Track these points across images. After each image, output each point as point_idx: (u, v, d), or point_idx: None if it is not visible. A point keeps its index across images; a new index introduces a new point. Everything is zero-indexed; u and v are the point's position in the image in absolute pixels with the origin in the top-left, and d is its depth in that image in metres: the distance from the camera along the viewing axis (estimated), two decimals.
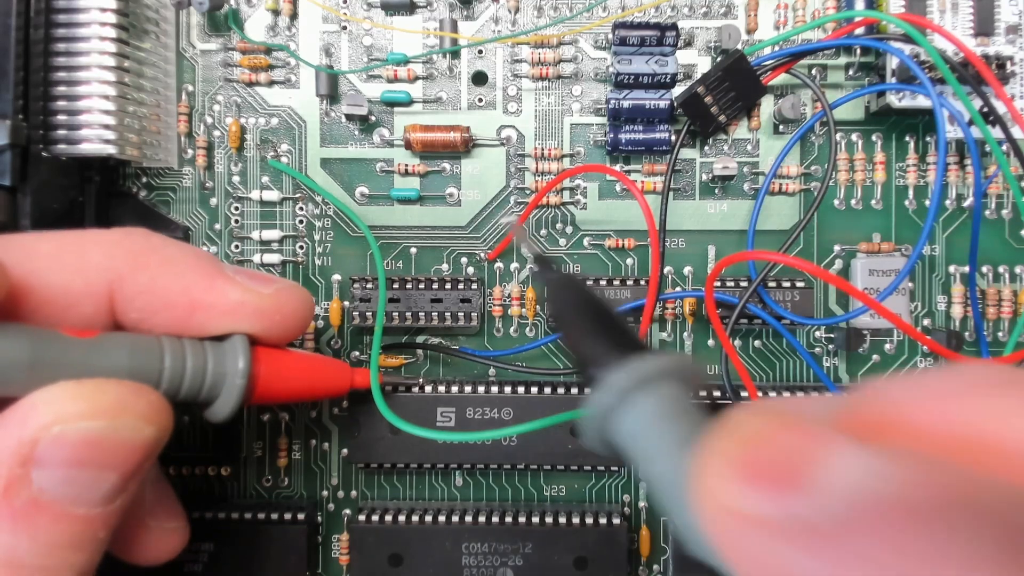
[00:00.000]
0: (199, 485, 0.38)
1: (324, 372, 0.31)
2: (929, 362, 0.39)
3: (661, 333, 0.39)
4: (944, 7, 0.36)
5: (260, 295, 0.28)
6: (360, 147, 0.39)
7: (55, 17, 0.33)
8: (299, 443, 0.39)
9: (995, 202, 0.38)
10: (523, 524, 0.36)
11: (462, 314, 0.37)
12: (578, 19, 0.39)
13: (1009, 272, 0.38)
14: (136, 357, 0.25)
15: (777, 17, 0.38)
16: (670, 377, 0.17)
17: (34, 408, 0.22)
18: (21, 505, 0.22)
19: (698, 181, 0.39)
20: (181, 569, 0.36)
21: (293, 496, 0.39)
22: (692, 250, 0.39)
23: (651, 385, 0.17)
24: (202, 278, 0.27)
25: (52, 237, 0.26)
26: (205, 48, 0.39)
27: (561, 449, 0.36)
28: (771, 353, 0.39)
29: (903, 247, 0.38)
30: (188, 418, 0.39)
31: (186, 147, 0.39)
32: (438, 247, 0.39)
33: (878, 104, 0.38)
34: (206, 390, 0.27)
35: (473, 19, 0.39)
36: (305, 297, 0.30)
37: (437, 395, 0.36)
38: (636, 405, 0.17)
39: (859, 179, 0.38)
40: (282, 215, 0.39)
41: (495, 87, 0.39)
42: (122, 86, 0.34)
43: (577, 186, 0.39)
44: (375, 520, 0.36)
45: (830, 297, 0.39)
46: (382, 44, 0.39)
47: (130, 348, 0.25)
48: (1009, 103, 0.33)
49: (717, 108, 0.37)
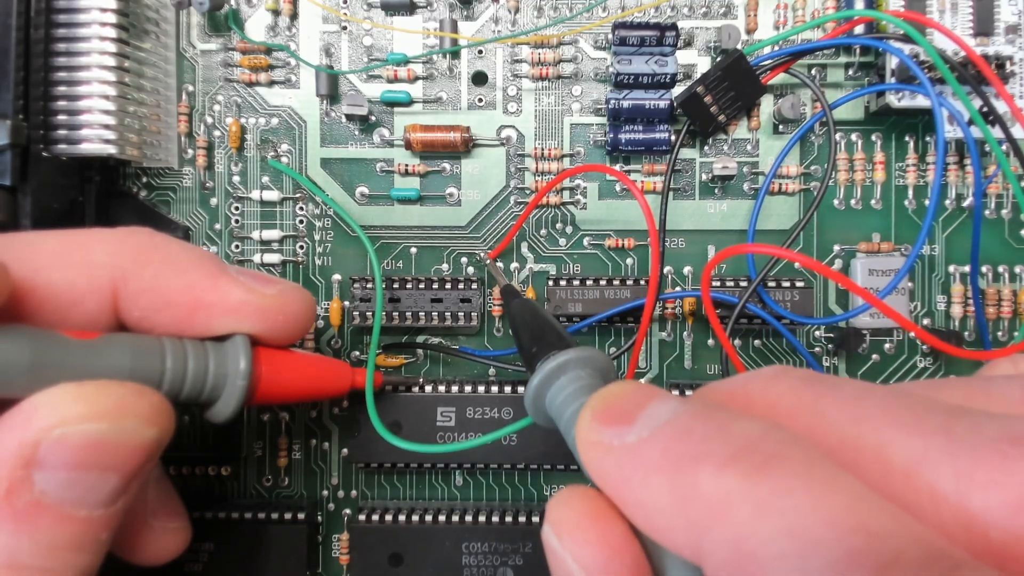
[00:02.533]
0: (199, 485, 0.38)
1: (325, 373, 0.31)
2: (929, 361, 0.39)
3: (661, 333, 0.39)
4: (944, 7, 0.36)
5: (263, 295, 0.28)
6: (360, 147, 0.39)
7: (55, 17, 0.33)
8: (299, 443, 0.39)
9: (995, 202, 0.38)
10: (523, 524, 0.36)
11: (462, 314, 0.37)
12: (578, 19, 0.39)
13: (1009, 272, 0.38)
14: (137, 358, 0.25)
15: (777, 17, 0.38)
16: (580, 364, 0.23)
17: (36, 410, 0.22)
18: (23, 507, 0.22)
19: (698, 181, 0.39)
20: (181, 569, 0.36)
21: (293, 496, 0.39)
22: (692, 250, 0.39)
23: (566, 369, 0.23)
24: (205, 277, 0.27)
25: (56, 235, 0.26)
26: (205, 48, 0.39)
27: (561, 449, 0.36)
28: (771, 353, 0.39)
29: (903, 247, 0.38)
30: (188, 418, 0.39)
31: (186, 147, 0.39)
32: (438, 247, 0.39)
33: (878, 104, 0.38)
34: (208, 391, 0.27)
35: (473, 19, 0.39)
36: (307, 299, 0.30)
37: (437, 395, 0.36)
38: (555, 383, 0.23)
39: (859, 179, 0.38)
40: (282, 215, 0.39)
41: (495, 87, 0.39)
42: (122, 86, 0.34)
43: (577, 186, 0.39)
44: (375, 520, 0.36)
45: (830, 297, 0.39)
46: (382, 44, 0.39)
47: (131, 349, 0.25)
48: (1010, 101, 0.33)
49: (717, 108, 0.37)
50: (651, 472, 0.17)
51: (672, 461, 0.17)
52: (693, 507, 0.16)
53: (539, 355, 0.25)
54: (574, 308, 0.37)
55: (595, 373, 0.24)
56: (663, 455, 0.17)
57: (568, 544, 0.19)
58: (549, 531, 0.20)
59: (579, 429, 0.20)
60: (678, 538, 0.16)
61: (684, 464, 0.16)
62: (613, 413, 0.19)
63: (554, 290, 0.37)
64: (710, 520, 0.15)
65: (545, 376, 0.24)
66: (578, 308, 0.37)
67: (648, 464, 0.17)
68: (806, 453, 0.16)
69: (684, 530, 0.16)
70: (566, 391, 0.23)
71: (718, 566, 0.15)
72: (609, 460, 0.18)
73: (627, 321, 0.38)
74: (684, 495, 0.16)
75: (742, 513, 0.15)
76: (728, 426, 0.17)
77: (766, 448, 0.16)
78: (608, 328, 0.38)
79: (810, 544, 0.14)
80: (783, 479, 0.15)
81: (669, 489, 0.16)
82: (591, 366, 0.24)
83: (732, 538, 0.15)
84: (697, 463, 0.16)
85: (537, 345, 0.26)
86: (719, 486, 0.15)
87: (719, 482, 0.15)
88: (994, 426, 0.15)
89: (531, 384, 0.24)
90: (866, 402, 0.17)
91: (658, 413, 0.18)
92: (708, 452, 0.16)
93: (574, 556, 0.19)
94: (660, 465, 0.17)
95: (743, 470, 0.15)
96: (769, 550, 0.14)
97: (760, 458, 0.16)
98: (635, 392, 0.20)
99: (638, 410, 0.19)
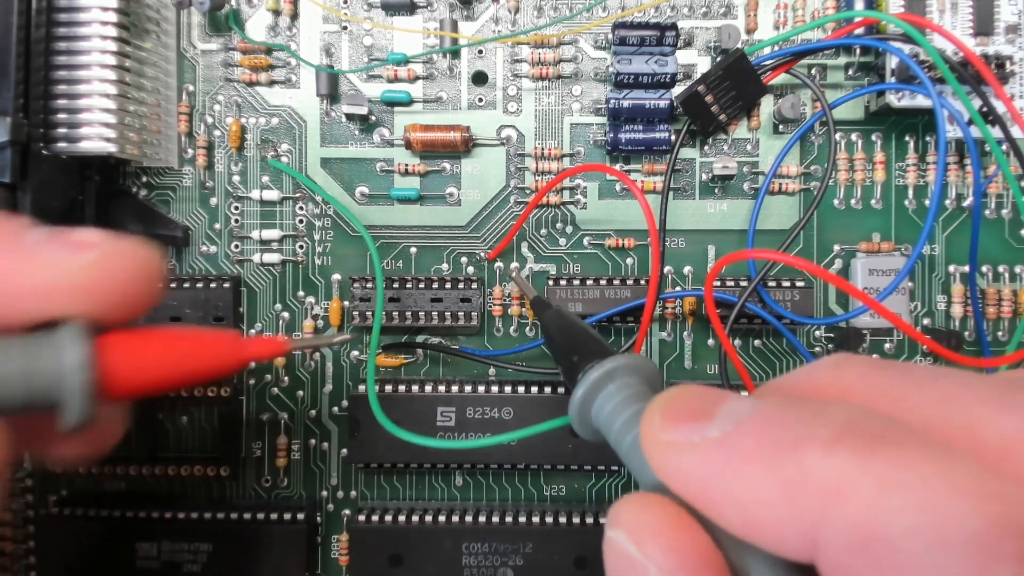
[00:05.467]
0: (199, 485, 0.38)
1: (198, 348, 0.25)
2: (929, 361, 0.39)
3: (661, 332, 0.39)
4: (944, 7, 0.36)
5: (74, 270, 0.22)
6: (360, 147, 0.39)
7: (56, 16, 0.33)
8: (299, 443, 0.39)
9: (995, 202, 0.39)
10: (523, 524, 0.36)
11: (462, 314, 0.37)
12: (578, 19, 0.39)
13: (1009, 272, 0.38)
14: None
15: (777, 17, 0.38)
16: (626, 371, 0.23)
17: None
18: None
19: (698, 181, 0.39)
20: (181, 569, 0.36)
21: (292, 496, 0.39)
22: (692, 250, 0.39)
23: (613, 377, 0.22)
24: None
25: None
26: (206, 48, 0.39)
27: (561, 449, 0.36)
28: (771, 353, 0.39)
29: (903, 247, 0.38)
30: (186, 418, 0.38)
31: (186, 147, 0.39)
32: (438, 247, 0.39)
33: (878, 104, 0.38)
34: (41, 396, 0.22)
35: (473, 19, 0.39)
36: (138, 259, 0.23)
37: (437, 395, 0.36)
38: (603, 392, 0.22)
39: (859, 179, 0.38)
40: (282, 215, 0.39)
41: (495, 87, 0.39)
42: (123, 85, 0.34)
43: (577, 186, 0.39)
44: (375, 520, 0.36)
45: (830, 297, 0.39)
46: (382, 44, 0.39)
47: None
48: (1008, 103, 0.33)
49: (718, 107, 0.37)
50: (746, 463, 0.16)
51: (770, 448, 0.16)
52: (803, 493, 0.15)
53: (581, 364, 0.24)
54: (574, 308, 0.37)
55: (643, 380, 0.23)
56: (757, 443, 0.16)
57: (652, 551, 0.17)
58: (624, 537, 0.18)
59: (646, 430, 0.18)
60: (786, 530, 0.15)
61: (785, 449, 0.15)
62: (687, 412, 0.18)
63: (554, 290, 0.37)
64: (826, 504, 0.14)
65: (592, 385, 0.23)
66: (578, 308, 0.37)
67: (742, 455, 0.16)
68: (912, 431, 0.15)
69: (794, 520, 0.15)
70: (616, 399, 0.22)
71: (840, 553, 0.14)
72: (691, 457, 0.17)
73: (627, 321, 0.38)
74: (790, 481, 0.15)
75: (864, 491, 0.14)
76: (823, 410, 0.16)
77: (871, 427, 0.15)
78: (608, 328, 0.38)
79: (946, 516, 0.13)
80: (901, 454, 0.14)
81: (771, 477, 0.15)
82: (639, 373, 0.23)
83: (855, 520, 0.14)
84: (800, 446, 0.15)
85: (578, 354, 0.25)
86: (832, 466, 0.14)
87: (831, 462, 0.14)
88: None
89: (576, 393, 0.23)
90: (947, 383, 0.16)
91: (737, 408, 0.17)
92: (810, 435, 0.15)
93: (659, 564, 0.17)
94: (756, 453, 0.16)
95: (855, 447, 0.14)
96: (899, 527, 0.13)
97: (869, 436, 0.15)
98: (706, 391, 0.19)
99: (715, 407, 0.18)
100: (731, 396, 0.18)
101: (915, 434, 0.15)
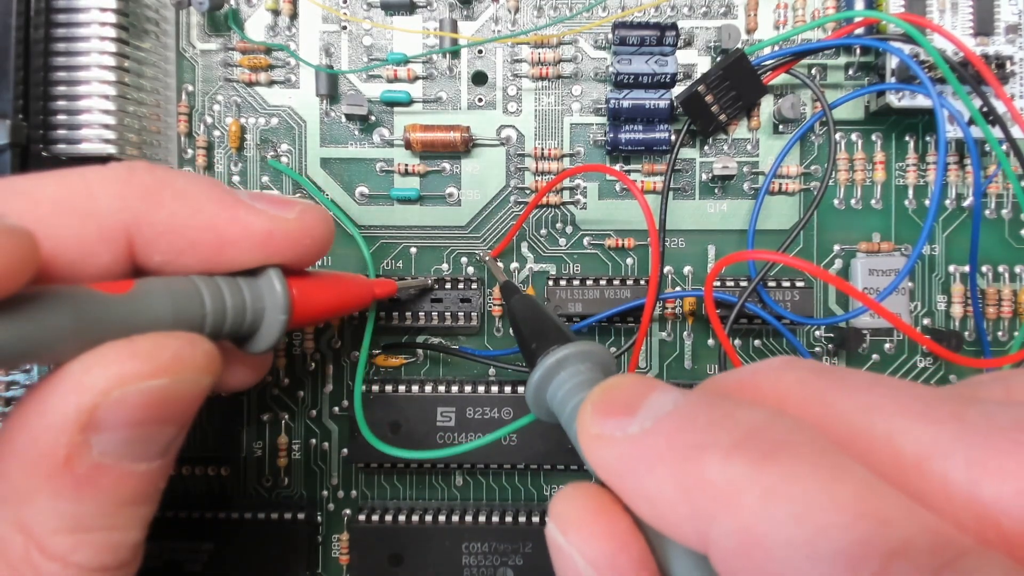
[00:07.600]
0: (199, 485, 0.38)
1: (349, 289, 0.31)
2: (929, 361, 0.39)
3: (661, 332, 0.39)
4: (944, 7, 0.36)
5: (286, 221, 0.26)
6: (360, 147, 0.39)
7: (55, 17, 0.33)
8: (299, 443, 0.39)
9: (995, 202, 0.38)
10: (523, 524, 0.36)
11: (462, 314, 0.37)
12: (578, 19, 0.39)
13: (1009, 272, 0.38)
14: (179, 306, 0.23)
15: (777, 17, 0.38)
16: (581, 358, 0.24)
17: (88, 372, 0.21)
18: (84, 472, 0.21)
19: (698, 181, 0.39)
20: (181, 569, 0.36)
21: (293, 496, 0.39)
22: (692, 250, 0.39)
23: (566, 364, 0.23)
24: (223, 210, 0.25)
25: (51, 179, 0.23)
26: (205, 48, 0.39)
27: (561, 449, 0.36)
28: (771, 353, 0.39)
29: (903, 247, 0.38)
30: None
31: (186, 147, 0.39)
32: (438, 247, 0.39)
33: (878, 104, 0.38)
34: (246, 327, 0.26)
35: (473, 19, 0.39)
36: (327, 217, 0.28)
37: (437, 395, 0.36)
38: (556, 378, 0.23)
39: (859, 179, 0.38)
40: None
41: (495, 87, 0.39)
42: (122, 86, 0.34)
43: (577, 186, 0.39)
44: (375, 520, 0.36)
45: (830, 297, 0.39)
46: (382, 44, 0.39)
47: (171, 297, 0.23)
48: (1009, 103, 0.33)
49: (718, 107, 0.37)
50: (655, 462, 0.17)
51: (676, 450, 0.17)
52: (699, 496, 0.16)
53: (539, 350, 0.25)
54: (574, 308, 0.37)
55: (596, 367, 0.24)
56: (667, 445, 0.17)
57: (574, 539, 0.19)
58: (553, 527, 0.19)
59: (580, 422, 0.20)
60: (684, 528, 0.16)
61: (689, 453, 0.16)
62: (614, 405, 0.19)
63: (554, 290, 0.37)
64: (717, 508, 0.15)
65: (545, 371, 0.24)
66: (578, 308, 0.37)
67: (652, 454, 0.17)
68: (813, 440, 0.16)
69: (690, 519, 0.16)
70: (567, 386, 0.23)
71: (725, 554, 0.15)
72: (612, 452, 0.18)
73: (627, 321, 0.38)
74: (690, 484, 0.16)
75: (749, 500, 0.15)
76: (733, 414, 0.17)
77: (773, 435, 0.16)
78: (608, 328, 0.38)
79: (818, 530, 0.14)
80: (791, 465, 0.15)
81: (674, 478, 0.16)
82: (591, 360, 0.24)
83: (739, 525, 0.15)
84: (702, 451, 0.16)
85: (537, 341, 0.26)
86: (725, 473, 0.15)
87: (725, 469, 0.15)
88: (1007, 415, 0.15)
89: (532, 379, 0.24)
90: (876, 391, 0.17)
91: (660, 403, 0.18)
92: (714, 440, 0.16)
93: (580, 551, 0.19)
94: (664, 455, 0.17)
95: (750, 457, 0.15)
96: (777, 537, 0.14)
97: (767, 445, 0.15)
98: (636, 384, 0.20)
99: (639, 401, 0.19)
100: (658, 389, 0.19)
101: (815, 445, 0.15)
